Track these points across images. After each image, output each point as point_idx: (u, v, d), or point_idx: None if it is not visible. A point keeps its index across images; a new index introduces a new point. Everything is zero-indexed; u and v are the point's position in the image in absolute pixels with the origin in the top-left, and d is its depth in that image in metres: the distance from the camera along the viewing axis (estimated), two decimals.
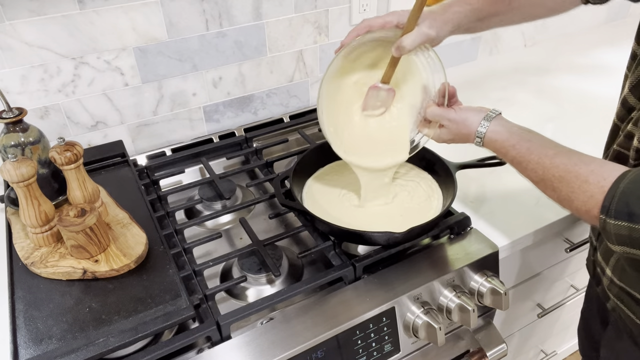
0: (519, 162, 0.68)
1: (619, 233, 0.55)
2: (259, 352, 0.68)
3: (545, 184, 0.65)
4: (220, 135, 1.15)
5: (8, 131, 0.78)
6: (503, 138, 0.71)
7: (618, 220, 0.55)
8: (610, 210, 0.55)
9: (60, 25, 0.93)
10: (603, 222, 0.56)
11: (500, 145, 0.71)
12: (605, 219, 0.56)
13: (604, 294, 0.77)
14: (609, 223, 0.55)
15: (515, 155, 0.69)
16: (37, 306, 0.70)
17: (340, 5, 1.19)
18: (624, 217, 0.54)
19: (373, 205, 0.89)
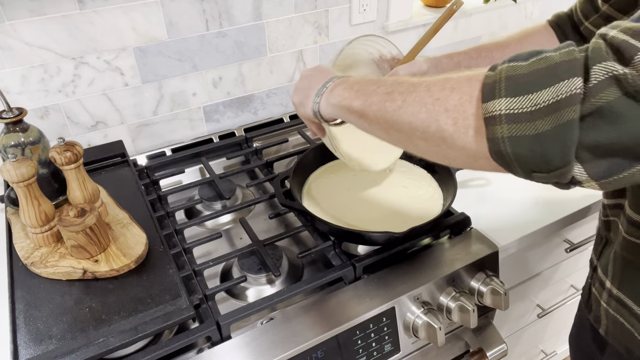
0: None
1: (512, 75, 0.42)
2: (259, 352, 0.68)
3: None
4: (220, 135, 1.15)
5: (8, 131, 0.78)
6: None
7: (514, 62, 0.43)
8: (502, 61, 0.44)
9: (60, 25, 0.93)
10: (491, 76, 0.43)
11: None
12: (494, 72, 0.43)
13: (596, 319, 0.73)
14: (500, 70, 0.43)
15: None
16: (37, 306, 0.70)
17: (340, 5, 1.19)
18: (523, 57, 0.43)
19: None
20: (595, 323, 0.74)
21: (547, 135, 0.40)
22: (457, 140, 0.47)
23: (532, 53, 0.43)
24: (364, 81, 0.59)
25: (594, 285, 0.74)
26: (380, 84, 0.56)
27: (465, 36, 1.46)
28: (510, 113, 0.41)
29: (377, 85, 0.56)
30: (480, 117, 0.44)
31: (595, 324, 0.73)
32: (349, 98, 0.59)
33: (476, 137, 0.45)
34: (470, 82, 0.45)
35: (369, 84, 0.58)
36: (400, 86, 0.53)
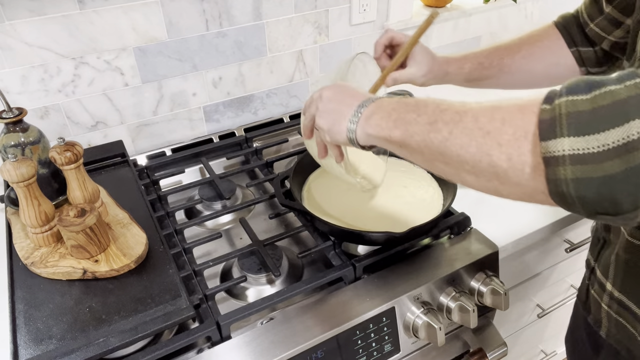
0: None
1: (574, 112, 0.39)
2: (259, 352, 0.68)
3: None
4: (220, 135, 1.15)
5: (8, 131, 0.78)
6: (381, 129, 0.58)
7: (573, 95, 0.39)
8: (559, 92, 0.41)
9: (60, 25, 0.93)
10: (549, 111, 0.40)
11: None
12: (551, 106, 0.40)
13: (596, 321, 0.73)
14: (558, 105, 0.40)
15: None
16: (37, 306, 0.70)
17: (340, 5, 1.19)
18: (581, 89, 0.39)
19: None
20: (595, 325, 0.73)
21: (617, 178, 0.38)
22: (512, 177, 0.44)
23: (592, 84, 0.39)
24: (402, 107, 0.56)
25: (592, 287, 0.73)
26: (420, 111, 0.53)
27: (465, 36, 1.46)
28: (575, 154, 0.38)
29: (417, 113, 0.53)
30: (538, 155, 0.41)
31: (596, 326, 0.73)
32: (387, 128, 0.56)
33: (534, 175, 0.42)
34: (523, 114, 0.43)
35: (407, 111, 0.54)
36: (444, 115, 0.50)
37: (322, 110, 0.64)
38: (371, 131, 0.58)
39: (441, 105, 0.51)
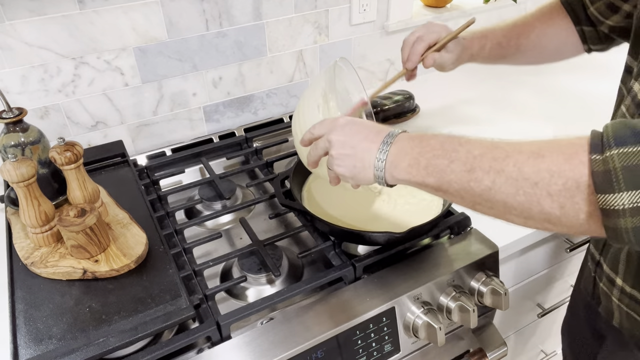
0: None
1: (629, 166, 0.40)
2: (259, 352, 0.68)
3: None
4: (220, 135, 1.15)
5: (8, 131, 0.78)
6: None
7: (623, 147, 0.40)
8: (606, 141, 0.42)
9: (60, 25, 0.93)
10: (601, 163, 0.42)
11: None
12: (602, 157, 0.42)
13: (608, 312, 0.74)
14: (610, 157, 0.41)
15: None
16: (37, 306, 0.70)
17: (340, 5, 1.19)
18: (629, 139, 0.40)
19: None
20: (607, 315, 0.74)
21: None
22: (565, 222, 0.45)
23: (638, 133, 0.41)
24: (427, 150, 0.55)
25: (600, 280, 0.74)
26: (451, 156, 0.52)
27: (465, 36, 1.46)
28: (635, 207, 0.40)
29: (447, 158, 0.53)
30: (594, 204, 0.43)
31: (608, 316, 0.74)
32: (419, 176, 0.55)
33: (589, 220, 0.44)
34: (571, 165, 0.44)
35: (435, 156, 0.54)
36: (481, 162, 0.50)
37: (338, 158, 0.62)
38: (402, 177, 0.58)
39: (472, 149, 0.51)
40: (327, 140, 0.63)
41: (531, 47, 0.89)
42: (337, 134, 0.63)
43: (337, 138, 0.62)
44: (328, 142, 0.63)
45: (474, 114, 1.25)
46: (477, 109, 1.26)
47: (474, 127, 1.18)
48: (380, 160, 0.58)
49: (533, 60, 0.93)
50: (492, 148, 0.50)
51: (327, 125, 0.65)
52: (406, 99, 1.21)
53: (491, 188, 0.49)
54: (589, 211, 0.43)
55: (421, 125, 1.21)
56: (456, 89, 1.36)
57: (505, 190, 0.48)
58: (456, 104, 1.30)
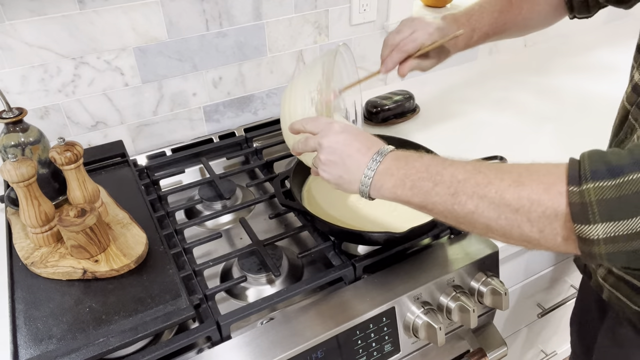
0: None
1: (604, 199, 0.43)
2: (259, 352, 0.68)
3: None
4: (220, 135, 1.15)
5: (8, 131, 0.78)
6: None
7: (598, 181, 0.43)
8: (583, 174, 0.45)
9: (60, 25, 0.93)
10: (577, 195, 0.44)
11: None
12: (579, 189, 0.44)
13: (597, 286, 0.77)
14: (587, 190, 0.44)
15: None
16: (37, 306, 0.70)
17: (340, 5, 1.19)
18: (604, 174, 0.44)
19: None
20: (597, 289, 0.77)
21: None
22: (543, 244, 0.49)
23: (613, 169, 0.44)
24: (412, 172, 0.57)
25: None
26: (435, 179, 0.55)
27: None
28: (608, 237, 0.44)
29: (432, 181, 0.55)
30: (570, 230, 0.46)
31: (598, 290, 0.77)
32: (404, 195, 0.58)
33: (566, 243, 0.47)
34: (549, 195, 0.46)
35: (421, 178, 0.56)
36: (464, 186, 0.52)
37: (325, 164, 0.64)
38: (387, 195, 0.60)
39: (456, 173, 0.53)
40: (318, 142, 0.64)
41: (516, 29, 0.89)
42: (330, 141, 0.63)
43: (328, 144, 0.63)
44: (319, 145, 0.64)
45: (474, 113, 1.25)
46: (477, 109, 1.26)
47: (474, 127, 1.18)
48: (367, 177, 0.60)
49: (515, 37, 0.94)
50: (475, 173, 0.52)
51: (321, 125, 0.66)
52: (406, 99, 1.21)
53: (474, 212, 0.52)
54: (566, 235, 0.47)
55: (421, 125, 1.21)
56: (456, 89, 1.36)
57: (488, 215, 0.51)
58: (456, 104, 1.30)
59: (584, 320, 0.94)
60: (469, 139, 1.14)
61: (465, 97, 1.32)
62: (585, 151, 0.47)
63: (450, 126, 1.19)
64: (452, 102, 1.31)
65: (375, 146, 0.62)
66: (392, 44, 0.85)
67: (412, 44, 0.83)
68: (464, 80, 1.41)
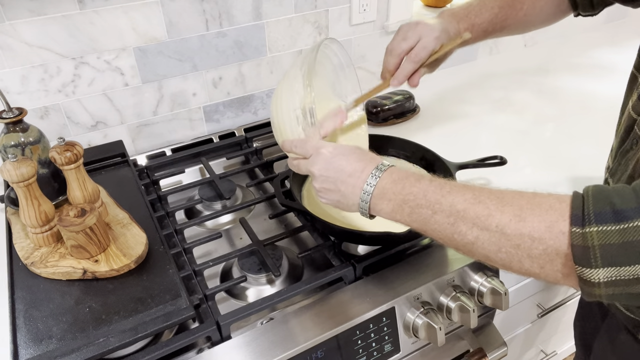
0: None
1: (606, 245, 0.42)
2: (259, 352, 0.68)
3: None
4: (220, 135, 1.15)
5: (8, 131, 0.78)
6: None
7: (602, 225, 0.43)
8: (586, 216, 0.43)
9: (60, 25, 0.93)
10: (580, 237, 0.43)
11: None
12: (582, 230, 0.43)
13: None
14: (590, 234, 0.43)
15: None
16: (37, 306, 0.70)
17: (340, 5, 1.19)
18: (608, 218, 0.43)
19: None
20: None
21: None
22: (543, 278, 0.49)
23: (617, 213, 0.43)
24: (413, 200, 0.56)
25: None
26: (435, 208, 0.54)
27: None
28: (609, 281, 0.44)
29: (430, 209, 0.54)
30: (571, 268, 0.45)
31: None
32: (403, 220, 0.58)
33: (566, 279, 0.47)
34: (551, 232, 0.46)
35: (419, 205, 0.55)
36: (464, 217, 0.51)
37: (321, 191, 0.64)
38: (386, 217, 0.60)
39: (455, 203, 0.52)
40: (309, 170, 0.64)
41: (517, 27, 0.86)
42: (320, 169, 0.63)
43: (319, 173, 0.63)
44: (310, 173, 0.64)
45: (474, 113, 1.25)
46: (477, 108, 1.26)
47: (474, 127, 1.18)
48: (364, 201, 0.60)
49: (515, 34, 0.90)
50: (474, 203, 0.51)
51: (309, 150, 0.65)
52: (406, 99, 1.21)
53: (474, 243, 0.51)
54: (567, 273, 0.46)
55: (421, 125, 1.21)
56: (456, 89, 1.36)
57: (488, 247, 0.50)
58: (456, 104, 1.30)
59: (586, 322, 0.93)
60: (469, 138, 1.14)
61: (465, 97, 1.32)
62: (590, 187, 0.46)
63: (450, 126, 1.19)
64: (452, 102, 1.31)
65: (368, 167, 0.60)
66: (400, 53, 0.80)
67: (423, 53, 0.79)
68: (464, 80, 1.41)
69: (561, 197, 0.47)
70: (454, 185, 0.55)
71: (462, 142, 1.13)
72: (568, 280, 0.47)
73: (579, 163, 1.05)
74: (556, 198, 0.47)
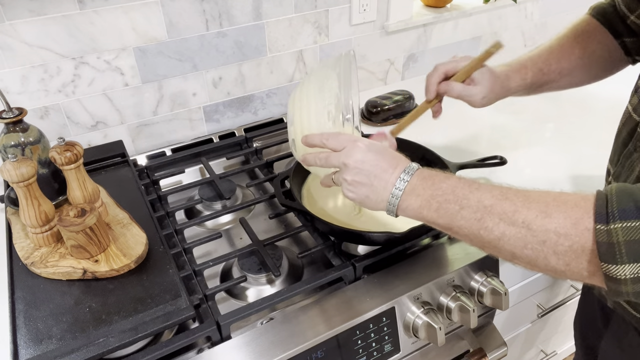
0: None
1: (632, 240, 0.43)
2: (259, 352, 0.68)
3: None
4: (220, 135, 1.15)
5: (8, 131, 0.78)
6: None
7: (626, 221, 0.43)
8: (610, 213, 0.44)
9: (60, 25, 0.93)
10: (605, 234, 0.44)
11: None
12: (607, 227, 0.44)
13: (601, 295, 0.77)
14: (614, 230, 0.43)
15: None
16: (37, 306, 0.70)
17: (340, 5, 1.19)
18: (632, 214, 0.43)
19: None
20: (600, 297, 0.77)
21: None
22: (569, 275, 0.49)
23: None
24: (441, 195, 0.57)
25: None
26: (463, 204, 0.54)
27: (465, 36, 1.46)
28: (636, 277, 0.44)
29: (458, 204, 0.55)
30: (597, 265, 0.46)
31: (602, 297, 0.77)
32: (429, 217, 0.58)
33: (591, 277, 0.47)
34: (577, 230, 0.46)
35: (448, 200, 0.56)
36: (491, 212, 0.52)
37: (352, 184, 0.63)
38: (413, 215, 0.60)
39: (482, 198, 0.53)
40: (342, 162, 0.63)
41: (574, 69, 0.84)
42: (356, 161, 0.62)
43: (355, 165, 0.62)
44: (343, 164, 0.63)
45: (473, 114, 1.24)
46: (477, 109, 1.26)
47: (474, 127, 1.18)
48: (395, 197, 0.60)
49: (578, 82, 0.87)
50: (502, 199, 0.52)
51: (344, 143, 0.65)
52: (406, 99, 1.21)
53: (500, 239, 0.52)
54: (593, 271, 0.47)
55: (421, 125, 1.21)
56: None
57: (514, 243, 0.50)
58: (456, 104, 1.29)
59: (587, 324, 0.93)
60: (469, 139, 1.14)
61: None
62: (613, 185, 0.47)
63: (450, 126, 1.19)
64: (452, 102, 1.30)
65: (401, 165, 0.62)
66: (431, 72, 0.82)
67: (448, 65, 0.81)
68: None
69: (586, 196, 0.48)
70: (481, 183, 0.56)
71: (462, 142, 1.13)
72: (594, 279, 0.47)
73: (579, 163, 1.05)
74: (581, 196, 0.48)
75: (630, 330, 0.74)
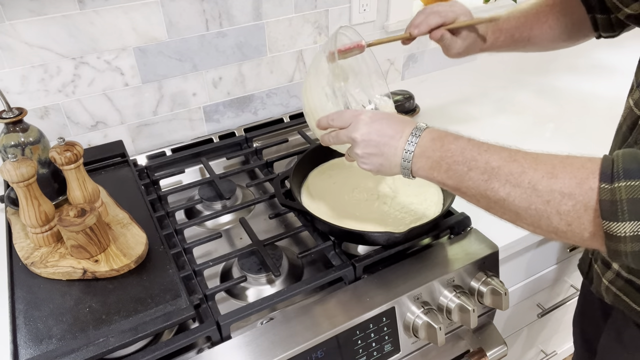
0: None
1: (634, 198, 0.44)
2: (259, 352, 0.68)
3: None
4: (220, 135, 1.15)
5: (8, 131, 0.78)
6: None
7: (631, 180, 0.44)
8: (615, 172, 0.45)
9: (60, 25, 0.93)
10: (608, 192, 0.45)
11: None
12: (610, 186, 0.45)
13: (599, 292, 0.77)
14: (618, 188, 0.44)
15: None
16: (37, 306, 0.70)
17: (340, 5, 1.19)
18: (636, 173, 0.44)
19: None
20: (597, 294, 0.78)
21: None
22: (570, 237, 0.50)
23: None
24: (450, 157, 0.58)
25: (595, 262, 0.76)
26: (471, 165, 0.56)
27: None
28: (635, 235, 0.44)
29: (466, 165, 0.56)
30: (598, 226, 0.47)
31: (598, 294, 0.78)
32: (439, 177, 0.60)
33: (592, 238, 0.48)
34: (581, 188, 0.47)
35: (456, 162, 0.57)
36: (498, 173, 0.53)
37: (364, 157, 0.66)
38: (424, 175, 0.63)
39: (490, 160, 0.55)
40: (350, 137, 0.66)
41: (542, 38, 0.88)
42: (362, 133, 0.65)
43: (362, 138, 0.65)
44: (352, 140, 0.66)
45: (474, 113, 1.25)
46: (477, 108, 1.26)
47: (474, 127, 1.18)
48: (407, 160, 0.63)
49: (540, 49, 0.92)
50: (509, 161, 0.53)
51: (348, 119, 0.67)
52: (406, 99, 1.21)
53: (505, 199, 0.53)
54: (594, 231, 0.47)
55: None
56: (456, 89, 1.36)
57: (519, 203, 0.52)
58: (456, 104, 1.30)
59: (587, 321, 0.94)
60: None
61: (465, 97, 1.32)
62: (620, 150, 0.48)
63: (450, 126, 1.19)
64: (452, 102, 1.31)
65: (407, 128, 0.63)
66: (429, 12, 0.84)
67: (450, 14, 0.83)
68: (464, 80, 1.41)
69: (593, 158, 0.49)
70: (491, 144, 0.57)
71: None
72: (594, 240, 0.48)
73: None
74: (588, 158, 0.49)
75: (629, 325, 0.74)
